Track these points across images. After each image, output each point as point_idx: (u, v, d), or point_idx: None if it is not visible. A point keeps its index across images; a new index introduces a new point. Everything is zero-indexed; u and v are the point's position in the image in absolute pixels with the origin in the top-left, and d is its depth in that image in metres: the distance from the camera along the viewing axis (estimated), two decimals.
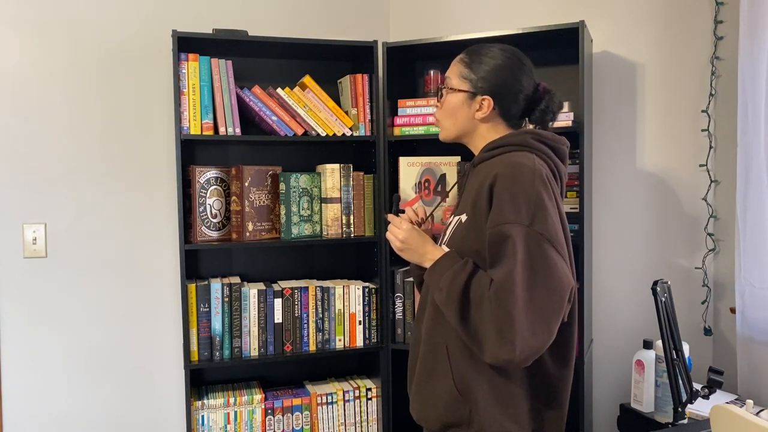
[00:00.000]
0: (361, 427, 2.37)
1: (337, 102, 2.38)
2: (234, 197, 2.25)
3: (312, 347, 2.31)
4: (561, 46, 2.09)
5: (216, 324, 2.20)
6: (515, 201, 1.26)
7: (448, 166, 2.29)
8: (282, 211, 2.27)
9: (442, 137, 1.51)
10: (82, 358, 2.30)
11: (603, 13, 2.31)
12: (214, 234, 2.25)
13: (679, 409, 1.70)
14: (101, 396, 2.32)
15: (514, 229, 1.24)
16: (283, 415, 2.29)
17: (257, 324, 2.24)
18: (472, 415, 1.33)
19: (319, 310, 2.31)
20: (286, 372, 2.49)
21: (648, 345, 1.96)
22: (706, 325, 2.20)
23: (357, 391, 2.37)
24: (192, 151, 2.35)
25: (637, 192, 2.30)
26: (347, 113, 2.34)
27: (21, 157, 2.22)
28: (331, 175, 2.30)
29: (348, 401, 2.36)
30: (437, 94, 1.50)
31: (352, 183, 2.32)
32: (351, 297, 2.34)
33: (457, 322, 1.28)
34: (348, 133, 2.31)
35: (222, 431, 2.23)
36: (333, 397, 2.34)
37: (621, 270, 2.33)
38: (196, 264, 2.39)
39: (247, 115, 2.29)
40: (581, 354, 2.02)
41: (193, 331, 2.18)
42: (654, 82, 2.27)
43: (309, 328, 2.31)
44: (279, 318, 2.26)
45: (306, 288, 2.31)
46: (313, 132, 2.28)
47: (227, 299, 2.21)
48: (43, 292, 2.25)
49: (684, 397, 1.70)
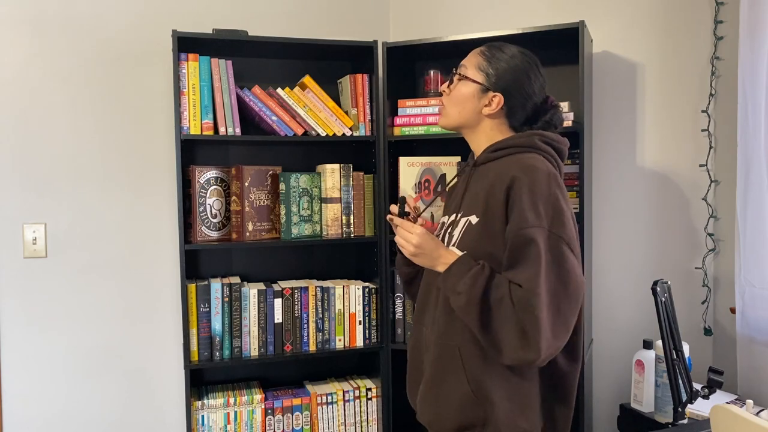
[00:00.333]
0: (361, 427, 2.37)
1: (337, 102, 2.38)
2: (234, 197, 2.25)
3: (312, 347, 2.31)
4: (561, 46, 2.09)
5: (216, 324, 2.20)
6: (535, 205, 1.28)
7: (448, 166, 2.29)
8: (282, 211, 2.27)
9: (442, 123, 1.50)
10: (82, 358, 2.30)
11: (603, 13, 2.31)
12: (214, 234, 2.25)
13: (679, 409, 1.70)
14: (101, 396, 2.32)
15: (537, 233, 1.26)
16: (283, 415, 2.29)
17: (257, 324, 2.24)
18: (487, 416, 1.34)
19: (319, 310, 2.31)
20: (286, 372, 2.49)
21: (648, 345, 1.96)
22: (706, 325, 2.20)
23: (357, 391, 2.37)
24: (192, 151, 2.35)
25: (637, 192, 2.30)
26: (347, 113, 2.34)
27: (21, 157, 2.22)
28: (331, 175, 2.30)
29: (348, 401, 2.36)
30: (449, 80, 1.49)
31: (352, 183, 2.32)
32: (351, 297, 2.34)
33: (477, 325, 1.28)
34: (348, 133, 2.31)
35: (222, 431, 2.23)
36: (333, 397, 2.34)
37: (621, 270, 2.32)
38: (196, 264, 2.39)
39: (247, 115, 2.29)
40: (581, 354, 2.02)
41: (193, 331, 2.18)
42: (654, 82, 2.27)
43: (309, 328, 2.31)
44: (279, 318, 2.26)
45: (306, 288, 2.31)
46: (313, 132, 2.28)
47: (227, 299, 2.21)
48: (43, 292, 2.25)
49: (684, 397, 1.70)
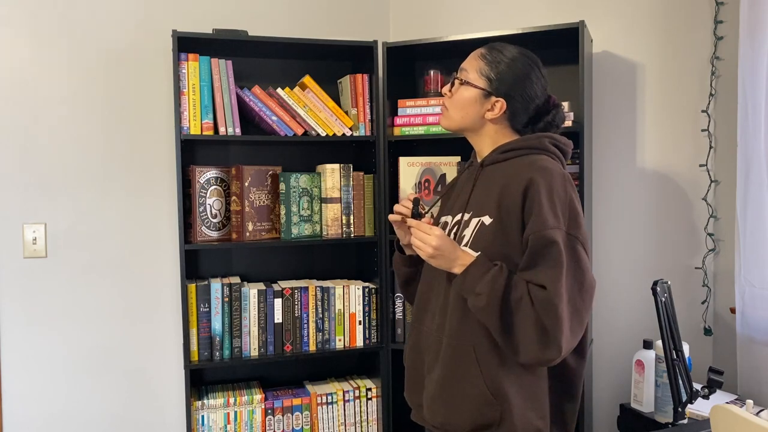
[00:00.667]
0: (361, 427, 2.37)
1: (337, 102, 2.38)
2: (234, 197, 2.25)
3: (312, 347, 2.31)
4: (561, 46, 2.09)
5: (216, 324, 2.20)
6: (553, 206, 1.30)
7: (448, 166, 2.29)
8: (282, 211, 2.27)
9: (444, 125, 1.50)
10: (82, 358, 2.30)
11: (603, 13, 2.31)
12: (214, 234, 2.25)
13: (679, 409, 1.70)
14: (101, 396, 2.32)
15: (557, 234, 1.27)
16: (283, 415, 2.29)
17: (257, 324, 2.24)
18: (503, 416, 1.34)
19: (319, 310, 2.31)
20: (286, 372, 2.49)
21: (648, 345, 1.96)
22: (706, 325, 2.20)
23: (357, 391, 2.37)
24: (192, 151, 2.35)
25: (637, 192, 2.30)
26: (347, 113, 2.34)
27: (21, 157, 2.22)
28: (331, 175, 2.30)
29: (348, 401, 2.35)
30: (449, 82, 1.49)
31: (352, 183, 2.32)
32: (351, 297, 2.34)
33: (497, 325, 1.29)
34: (348, 133, 2.31)
35: (222, 431, 2.23)
36: (333, 397, 2.34)
37: (621, 270, 2.32)
38: (196, 264, 2.39)
39: (247, 115, 2.29)
40: None
41: (193, 331, 2.18)
42: (654, 82, 2.27)
43: (309, 328, 2.31)
44: (279, 318, 2.26)
45: (306, 288, 2.31)
46: (313, 132, 2.28)
47: (227, 299, 2.21)
48: (43, 292, 2.25)
49: (684, 397, 1.70)
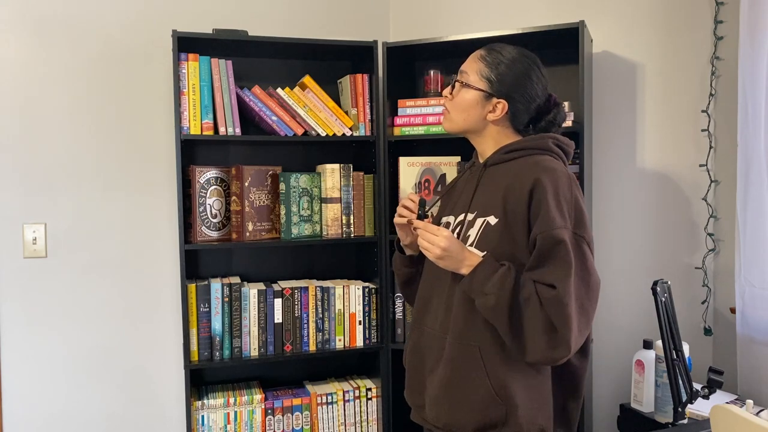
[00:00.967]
0: (361, 427, 2.37)
1: (337, 102, 2.38)
2: (234, 197, 2.25)
3: (312, 347, 2.31)
4: (561, 46, 2.09)
5: (216, 324, 2.20)
6: (560, 206, 1.30)
7: (448, 166, 2.29)
8: (282, 211, 2.27)
9: (447, 128, 1.50)
10: (82, 358, 2.30)
11: (603, 13, 2.31)
12: (214, 234, 2.25)
13: (679, 409, 1.70)
14: (101, 396, 2.32)
15: (564, 234, 1.28)
16: (283, 415, 2.29)
17: (257, 324, 2.24)
18: (508, 416, 1.34)
19: (319, 310, 2.31)
20: (286, 372, 2.49)
21: (648, 345, 1.96)
22: (706, 325, 2.20)
23: (357, 391, 2.37)
24: (192, 151, 2.35)
25: (637, 192, 2.30)
26: (347, 113, 2.34)
27: (21, 157, 2.22)
28: (331, 175, 2.30)
29: (348, 401, 2.35)
30: (450, 84, 1.49)
31: (352, 183, 2.32)
32: (351, 297, 2.34)
33: (506, 325, 1.29)
34: (348, 133, 2.31)
35: (222, 431, 2.23)
36: (333, 397, 2.34)
37: (621, 270, 2.32)
38: (196, 264, 2.39)
39: (247, 115, 2.29)
40: None
41: (193, 331, 2.18)
42: (654, 82, 2.27)
43: (309, 328, 2.31)
44: (279, 318, 2.26)
45: (306, 288, 2.31)
46: (313, 132, 2.28)
47: (227, 299, 2.21)
48: (43, 292, 2.25)
49: (684, 397, 1.70)
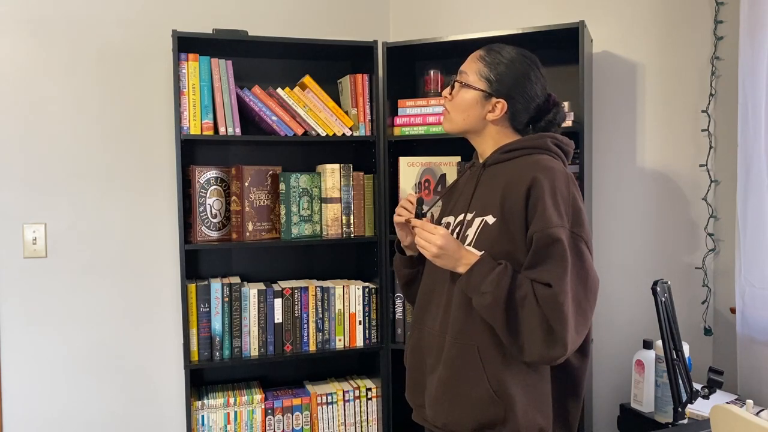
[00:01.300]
0: (361, 427, 2.37)
1: (337, 102, 2.38)
2: (234, 197, 2.25)
3: (312, 347, 2.31)
4: (561, 46, 2.09)
5: (216, 324, 2.20)
6: (557, 205, 1.30)
7: (448, 166, 2.29)
8: (282, 211, 2.27)
9: (447, 128, 1.51)
10: (82, 358, 2.30)
11: (603, 13, 2.31)
12: (214, 234, 2.25)
13: (679, 409, 1.70)
14: (101, 396, 2.32)
15: (561, 232, 1.27)
16: (283, 415, 2.29)
17: (257, 324, 2.24)
18: (507, 415, 1.34)
19: (319, 310, 2.31)
20: (286, 372, 2.49)
21: (648, 345, 1.96)
22: (706, 325, 2.20)
23: (357, 391, 2.37)
24: (192, 151, 2.35)
25: (637, 192, 2.30)
26: (347, 113, 2.34)
27: (21, 157, 2.22)
28: (331, 175, 2.30)
29: (348, 401, 2.35)
30: (449, 84, 1.49)
31: (352, 183, 2.32)
32: (351, 297, 2.34)
33: (503, 324, 1.29)
34: (348, 133, 2.31)
35: (222, 431, 2.23)
36: (333, 397, 2.34)
37: (621, 270, 2.32)
38: (196, 264, 2.39)
39: (247, 115, 2.29)
40: None
41: (193, 331, 2.18)
42: (654, 82, 2.27)
43: (309, 328, 2.31)
44: (279, 318, 2.26)
45: (306, 288, 2.31)
46: (313, 132, 2.28)
47: (227, 299, 2.21)
48: (43, 292, 2.25)
49: (684, 397, 1.70)
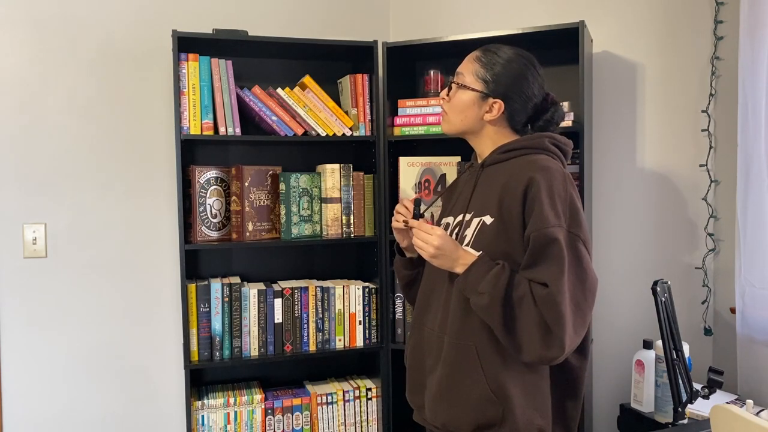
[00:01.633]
0: (361, 427, 2.37)
1: (337, 102, 2.38)
2: (234, 197, 2.25)
3: (312, 347, 2.31)
4: (561, 46, 2.09)
5: (216, 324, 2.20)
6: (554, 205, 1.30)
7: (448, 166, 2.29)
8: (282, 211, 2.27)
9: (445, 129, 1.51)
10: (82, 358, 2.30)
11: (603, 13, 2.31)
12: (214, 234, 2.25)
13: (679, 409, 1.70)
14: (101, 396, 2.32)
15: (558, 232, 1.27)
16: (283, 415, 2.29)
17: (257, 324, 2.24)
18: (505, 415, 1.34)
19: (319, 310, 2.31)
20: (286, 372, 2.49)
21: (648, 345, 1.96)
22: (706, 325, 2.20)
23: (357, 391, 2.37)
24: (192, 151, 2.35)
25: (637, 192, 2.30)
26: (347, 113, 2.34)
27: (21, 157, 2.22)
28: (331, 175, 2.30)
29: (348, 401, 2.36)
30: (447, 86, 1.50)
31: (352, 183, 2.32)
32: (351, 297, 2.34)
33: (500, 324, 1.29)
34: (348, 133, 2.31)
35: (222, 431, 2.23)
36: (333, 397, 2.34)
37: (621, 270, 2.32)
38: (196, 264, 2.39)
39: (247, 115, 2.29)
40: None
41: (193, 331, 2.18)
42: (654, 82, 2.27)
43: (309, 328, 2.31)
44: (279, 318, 2.26)
45: (306, 288, 2.31)
46: (313, 132, 2.28)
47: (227, 299, 2.21)
48: (43, 292, 2.25)
49: (684, 397, 1.70)
